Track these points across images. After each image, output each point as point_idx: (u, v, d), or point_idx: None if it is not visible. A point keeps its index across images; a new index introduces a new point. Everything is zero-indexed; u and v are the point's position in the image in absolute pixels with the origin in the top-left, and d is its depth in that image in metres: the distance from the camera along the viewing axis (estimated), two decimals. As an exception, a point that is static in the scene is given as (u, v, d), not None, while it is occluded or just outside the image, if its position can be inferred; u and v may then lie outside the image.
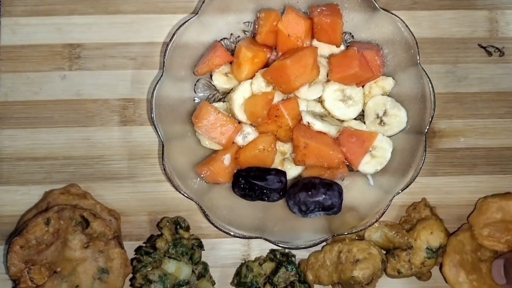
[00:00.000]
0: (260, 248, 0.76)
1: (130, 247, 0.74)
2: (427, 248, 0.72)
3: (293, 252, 0.75)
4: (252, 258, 0.76)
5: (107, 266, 0.70)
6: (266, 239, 0.70)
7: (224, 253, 0.76)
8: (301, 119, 0.72)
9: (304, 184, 0.71)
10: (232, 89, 0.74)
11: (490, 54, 0.79)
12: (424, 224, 0.73)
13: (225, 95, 0.75)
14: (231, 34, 0.75)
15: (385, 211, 0.69)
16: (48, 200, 0.73)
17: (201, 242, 0.74)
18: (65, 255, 0.69)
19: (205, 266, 0.73)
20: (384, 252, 0.74)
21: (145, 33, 0.78)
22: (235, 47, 0.74)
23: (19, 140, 0.76)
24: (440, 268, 0.73)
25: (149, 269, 0.70)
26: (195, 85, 0.75)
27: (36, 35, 0.77)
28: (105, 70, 0.78)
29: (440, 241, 0.72)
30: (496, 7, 0.80)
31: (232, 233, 0.69)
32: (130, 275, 0.72)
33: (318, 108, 0.73)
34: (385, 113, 0.73)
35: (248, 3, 0.73)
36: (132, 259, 0.73)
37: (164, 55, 0.70)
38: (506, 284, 0.70)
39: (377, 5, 0.71)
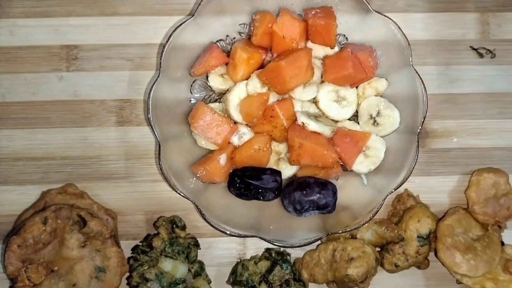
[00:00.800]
0: (255, 247, 0.77)
1: (127, 246, 0.75)
2: (417, 236, 0.73)
3: (288, 251, 0.75)
4: (248, 257, 0.76)
5: (104, 265, 0.70)
6: (261, 238, 0.71)
7: (220, 252, 0.77)
8: (295, 119, 0.72)
9: (299, 183, 0.72)
10: (228, 90, 0.75)
11: (481, 55, 0.80)
12: (410, 213, 0.74)
13: (221, 95, 0.76)
14: (227, 35, 0.76)
15: (378, 210, 0.70)
16: (46, 199, 0.74)
17: (197, 241, 0.74)
18: (62, 254, 0.70)
19: (201, 265, 0.74)
20: (379, 249, 0.75)
21: (142, 35, 0.79)
22: (230, 48, 0.75)
23: (16, 141, 0.77)
24: (436, 254, 0.74)
25: (145, 268, 0.71)
26: (191, 86, 0.76)
27: (34, 37, 0.78)
28: (102, 71, 0.78)
29: (429, 227, 0.73)
30: (487, 9, 0.81)
31: (228, 232, 0.70)
32: (127, 274, 0.73)
33: (312, 109, 0.74)
34: (378, 113, 0.74)
35: (243, 5, 0.74)
36: (129, 258, 0.73)
37: (161, 56, 0.71)
38: None
39: (370, 7, 0.72)
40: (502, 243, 0.76)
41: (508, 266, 0.74)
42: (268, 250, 0.75)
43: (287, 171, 0.74)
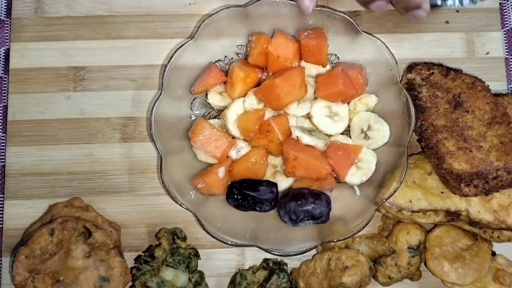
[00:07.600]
0: (254, 258, 0.79)
1: (129, 257, 0.77)
2: (408, 248, 0.76)
3: (285, 261, 0.78)
4: (246, 267, 0.79)
5: (108, 275, 0.73)
6: (259, 247, 0.73)
7: (220, 262, 0.79)
8: (290, 133, 0.76)
9: (294, 194, 0.75)
10: (226, 106, 0.78)
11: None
12: (399, 226, 0.77)
13: (220, 112, 0.80)
14: (225, 56, 0.80)
15: (370, 219, 0.73)
16: (52, 212, 0.77)
17: (197, 251, 0.77)
18: (68, 264, 0.72)
19: (201, 275, 0.76)
20: (372, 263, 0.77)
21: (145, 57, 0.83)
22: (228, 68, 0.79)
23: (25, 157, 0.80)
24: (426, 265, 0.76)
25: (147, 277, 0.73)
26: (191, 103, 0.80)
27: (43, 59, 0.82)
28: (107, 91, 0.82)
29: (418, 238, 0.76)
30: (472, 29, 0.85)
31: (229, 242, 0.72)
32: (130, 283, 0.75)
33: (306, 124, 0.78)
34: (369, 127, 0.77)
35: (240, 28, 0.79)
36: (132, 268, 0.76)
37: (163, 76, 0.75)
38: None
39: (359, 28, 0.76)
40: (494, 253, 0.78)
41: (498, 275, 0.76)
42: (265, 260, 0.78)
43: (283, 183, 0.77)
